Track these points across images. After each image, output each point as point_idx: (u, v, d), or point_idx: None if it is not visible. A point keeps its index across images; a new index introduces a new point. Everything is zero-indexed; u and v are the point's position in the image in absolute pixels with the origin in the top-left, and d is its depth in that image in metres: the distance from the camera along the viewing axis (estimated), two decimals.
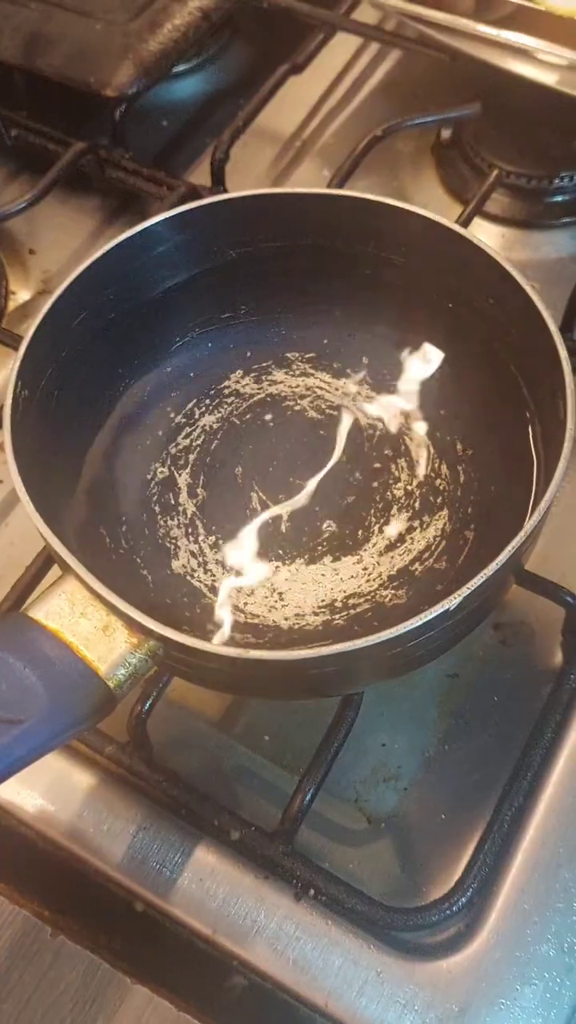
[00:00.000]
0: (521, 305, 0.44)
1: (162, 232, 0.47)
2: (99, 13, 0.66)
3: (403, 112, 0.70)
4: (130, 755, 0.45)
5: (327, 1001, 0.41)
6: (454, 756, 0.47)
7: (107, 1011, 0.41)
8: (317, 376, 0.50)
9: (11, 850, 0.45)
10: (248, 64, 0.77)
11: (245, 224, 0.48)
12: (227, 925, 0.42)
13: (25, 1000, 0.41)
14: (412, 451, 0.47)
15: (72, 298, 0.44)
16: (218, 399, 0.50)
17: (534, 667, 0.49)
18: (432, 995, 0.41)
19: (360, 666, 0.38)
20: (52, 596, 0.36)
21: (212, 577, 0.45)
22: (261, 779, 0.47)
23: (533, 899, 0.42)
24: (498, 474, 0.46)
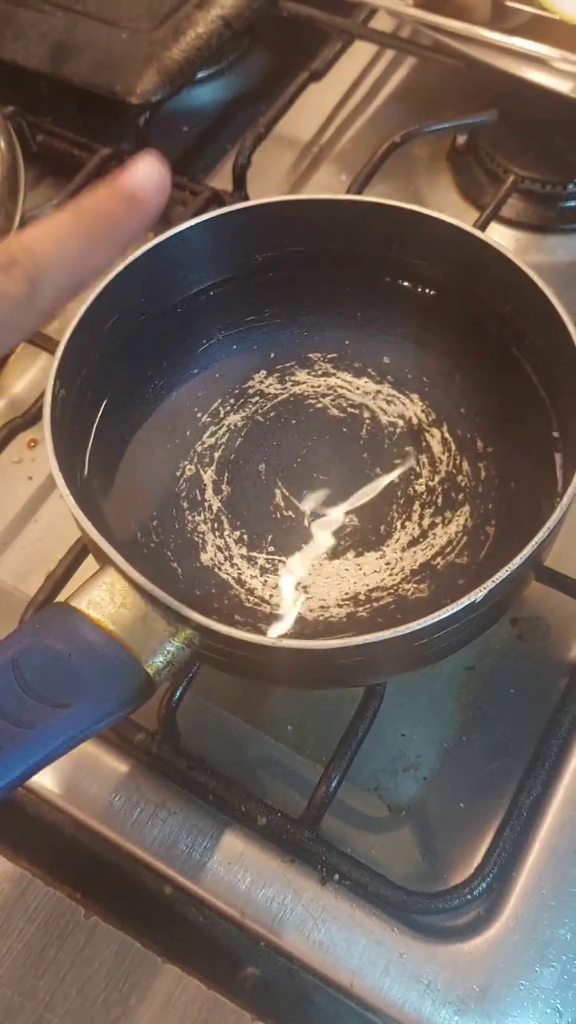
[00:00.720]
0: (541, 307, 0.45)
1: (194, 236, 0.48)
2: (124, 21, 0.67)
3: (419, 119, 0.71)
4: (159, 742, 0.46)
5: (352, 981, 0.42)
6: (472, 747, 0.49)
7: (140, 989, 0.42)
8: (339, 376, 0.52)
9: (43, 834, 0.46)
10: (267, 71, 0.78)
11: (273, 229, 0.50)
12: (255, 908, 0.44)
13: (60, 978, 0.42)
14: (433, 448, 0.49)
15: (106, 301, 0.46)
16: (243, 399, 0.51)
17: (550, 661, 0.51)
18: (453, 976, 0.42)
19: (387, 656, 0.40)
20: (93, 587, 0.38)
21: (238, 570, 0.46)
22: (284, 767, 0.48)
23: (551, 884, 0.44)
24: (518, 471, 0.47)
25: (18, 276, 0.27)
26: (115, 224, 0.30)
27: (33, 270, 0.28)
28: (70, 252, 0.29)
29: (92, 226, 0.30)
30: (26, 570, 0.55)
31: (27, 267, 0.28)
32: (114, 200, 0.30)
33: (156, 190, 0.31)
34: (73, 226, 0.29)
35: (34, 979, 0.42)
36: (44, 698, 0.33)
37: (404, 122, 0.69)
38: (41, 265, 0.28)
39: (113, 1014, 0.42)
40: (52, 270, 0.28)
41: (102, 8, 0.68)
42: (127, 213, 0.31)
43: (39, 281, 0.28)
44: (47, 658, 0.34)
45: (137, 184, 0.31)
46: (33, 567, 0.54)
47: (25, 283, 0.27)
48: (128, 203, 0.31)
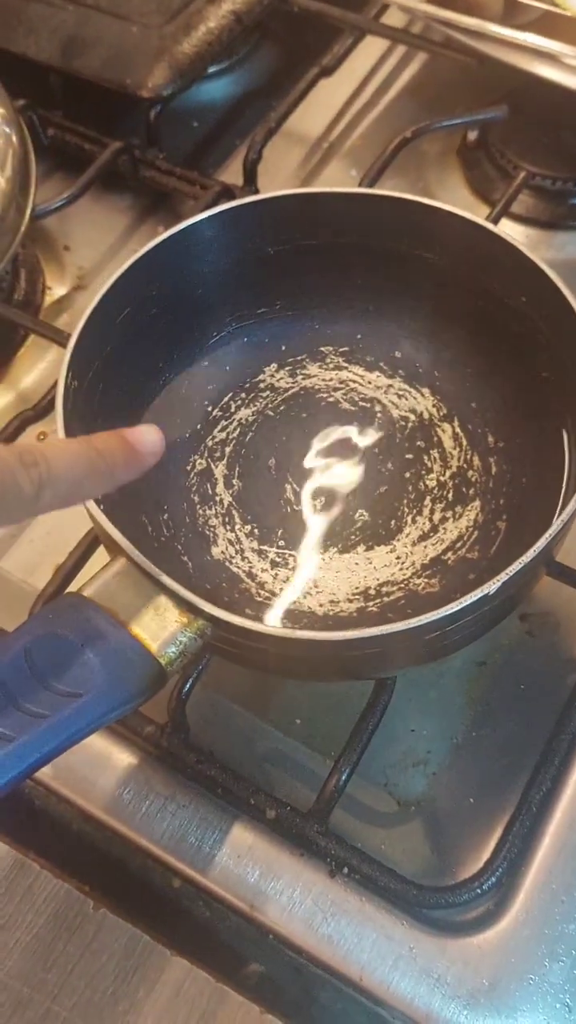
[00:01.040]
0: (553, 302, 0.45)
1: (206, 229, 0.48)
2: (135, 16, 0.67)
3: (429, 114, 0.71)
4: (169, 736, 0.46)
5: (361, 975, 0.42)
6: (482, 742, 0.49)
7: (148, 981, 0.42)
8: (350, 370, 0.52)
9: (53, 827, 0.46)
10: (277, 66, 0.78)
11: (284, 222, 0.50)
12: (264, 901, 0.44)
13: (69, 970, 0.42)
14: (444, 443, 0.49)
15: (117, 294, 0.46)
16: (253, 392, 0.51)
17: (560, 656, 0.50)
18: (463, 970, 0.42)
19: (398, 649, 0.40)
20: (106, 577, 0.38)
21: (249, 563, 0.46)
22: (293, 761, 0.48)
23: (560, 880, 0.43)
24: (529, 466, 0.47)
25: (33, 476, 0.32)
26: (113, 465, 0.36)
27: (46, 476, 0.32)
28: (75, 474, 0.34)
29: (97, 460, 0.35)
30: (35, 563, 0.55)
31: (42, 472, 0.32)
32: (119, 446, 0.37)
33: (152, 451, 0.38)
34: (83, 454, 0.35)
35: (42, 971, 0.42)
36: (56, 688, 0.33)
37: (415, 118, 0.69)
38: (53, 475, 0.33)
39: (121, 1006, 0.41)
40: (58, 482, 0.33)
41: (113, 2, 0.68)
42: (124, 460, 0.37)
43: (46, 487, 0.32)
44: (60, 648, 0.34)
45: (141, 442, 0.37)
46: (41, 560, 0.54)
47: (37, 484, 0.32)
48: (128, 452, 0.37)
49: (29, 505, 0.32)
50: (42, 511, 0.33)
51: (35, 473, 0.32)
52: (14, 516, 0.32)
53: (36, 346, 0.62)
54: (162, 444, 0.39)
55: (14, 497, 0.32)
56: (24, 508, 0.32)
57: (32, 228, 0.65)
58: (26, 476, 0.32)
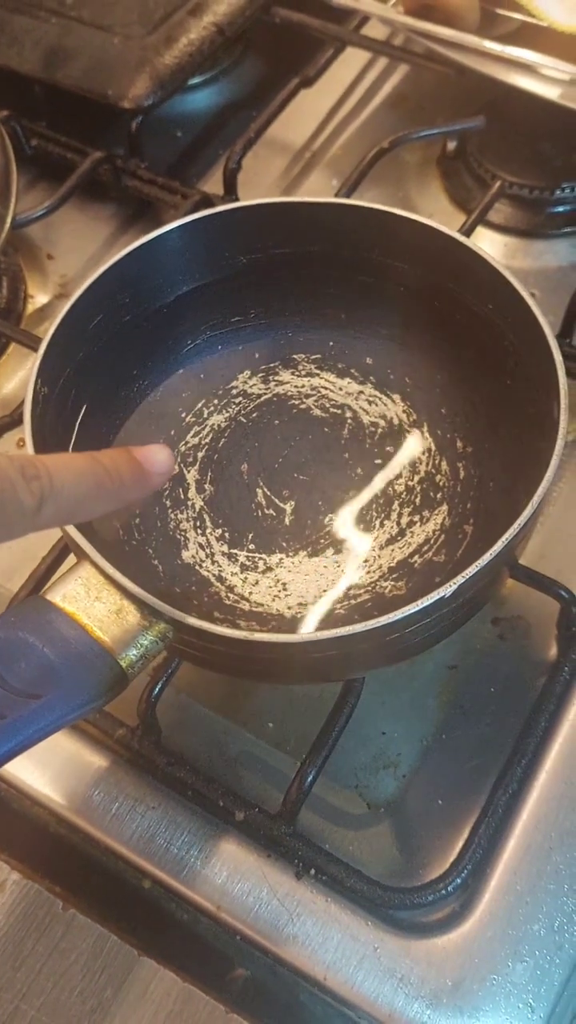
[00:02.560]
0: (519, 310, 0.46)
1: (176, 238, 0.49)
2: (117, 27, 0.68)
3: (410, 124, 0.72)
4: (139, 738, 0.46)
5: (326, 975, 0.42)
6: (452, 744, 0.49)
7: (116, 981, 0.42)
8: (322, 376, 0.52)
9: (24, 829, 0.47)
10: (260, 77, 0.79)
11: (256, 231, 0.50)
12: (230, 901, 0.44)
13: (37, 970, 0.43)
14: (413, 448, 0.49)
15: (90, 300, 0.46)
16: (226, 399, 0.52)
17: (530, 659, 0.51)
18: (427, 970, 0.42)
19: (360, 650, 0.40)
20: (69, 581, 0.38)
21: (219, 567, 0.47)
22: (265, 764, 0.49)
23: (525, 880, 0.44)
24: (496, 471, 0.48)
25: (35, 490, 0.31)
26: (121, 483, 0.35)
27: (48, 490, 0.31)
28: (79, 490, 0.33)
29: (104, 477, 0.34)
30: (13, 568, 0.55)
31: (44, 485, 0.31)
32: (127, 463, 0.35)
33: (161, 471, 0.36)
34: (89, 470, 0.34)
35: (11, 970, 0.43)
36: (16, 689, 0.34)
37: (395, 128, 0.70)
38: (56, 489, 0.32)
39: (89, 1005, 0.42)
40: (60, 497, 0.32)
41: (96, 14, 0.69)
42: (133, 478, 0.35)
43: (47, 501, 0.31)
44: (20, 650, 0.35)
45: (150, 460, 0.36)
46: (20, 565, 0.55)
47: (38, 498, 0.31)
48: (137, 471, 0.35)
49: (29, 519, 0.31)
50: (43, 526, 0.32)
51: (36, 486, 0.31)
52: (13, 530, 0.31)
53: (17, 354, 0.63)
54: (172, 464, 0.37)
55: (14, 510, 0.30)
56: (24, 522, 0.31)
57: (15, 237, 0.66)
58: (27, 489, 0.31)
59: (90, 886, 0.46)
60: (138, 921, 0.45)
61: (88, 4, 0.70)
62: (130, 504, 0.36)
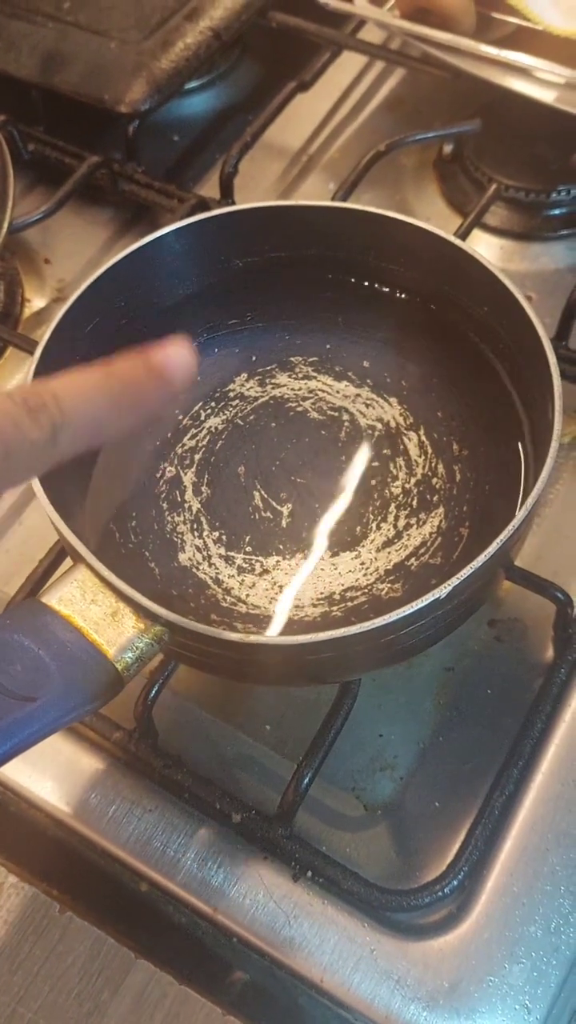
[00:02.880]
0: (514, 313, 0.46)
1: (172, 242, 0.49)
2: (114, 32, 0.68)
3: (406, 128, 0.72)
4: (136, 741, 0.46)
5: (323, 977, 0.42)
6: (448, 746, 0.49)
7: (112, 984, 0.42)
8: (319, 379, 0.52)
9: (21, 832, 0.47)
10: (257, 81, 0.79)
11: (252, 235, 0.51)
12: (227, 904, 0.44)
13: (35, 973, 0.43)
14: (410, 451, 0.49)
15: (86, 304, 0.46)
16: (223, 402, 0.52)
17: (526, 661, 0.51)
18: (423, 972, 0.42)
19: (355, 652, 0.40)
20: (65, 584, 0.38)
21: (216, 570, 0.47)
22: (262, 766, 0.49)
23: (522, 882, 0.44)
24: (492, 474, 0.48)
25: (43, 422, 0.28)
26: (141, 394, 0.31)
27: (58, 418, 0.28)
28: (95, 410, 0.30)
29: (120, 391, 0.31)
30: (11, 572, 0.55)
31: (53, 414, 0.28)
32: (144, 371, 0.31)
33: (183, 373, 0.32)
34: (102, 386, 0.30)
35: (8, 973, 0.43)
36: (12, 692, 0.34)
37: (392, 132, 0.70)
38: (66, 415, 0.29)
39: (86, 1008, 0.42)
40: (75, 423, 0.29)
41: (92, 19, 0.69)
42: (153, 387, 0.31)
43: (61, 430, 0.28)
44: (16, 652, 0.35)
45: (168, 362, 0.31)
46: (17, 569, 0.55)
47: (48, 429, 0.28)
48: (157, 377, 0.31)
49: (45, 453, 0.28)
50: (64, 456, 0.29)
51: (45, 417, 0.28)
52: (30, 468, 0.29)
53: (15, 358, 0.63)
54: (194, 365, 0.33)
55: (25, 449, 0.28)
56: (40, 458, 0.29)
57: (12, 241, 0.66)
58: (33, 423, 0.28)
59: (87, 889, 0.46)
60: (135, 924, 0.45)
61: (85, 9, 0.70)
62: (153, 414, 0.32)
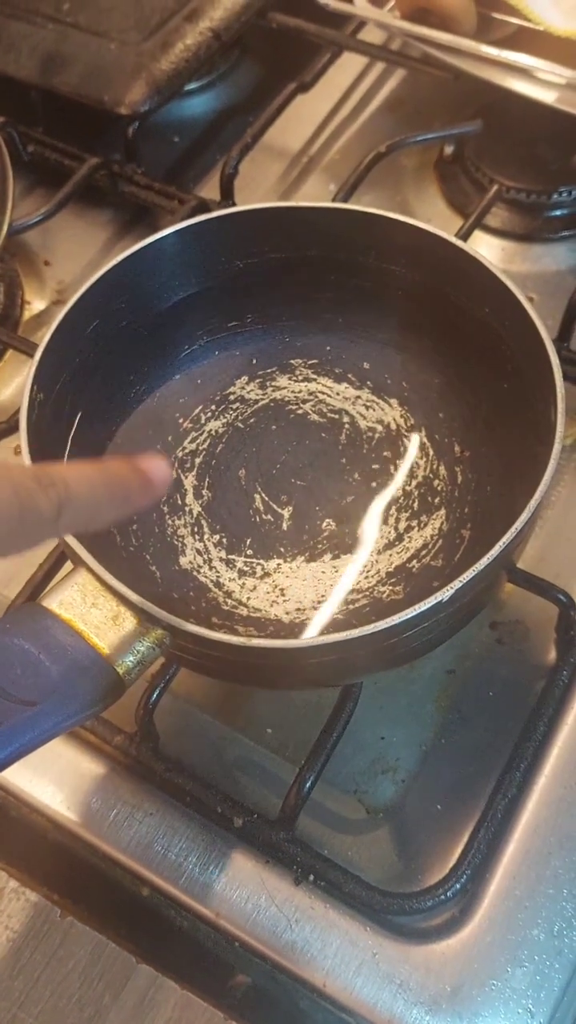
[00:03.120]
0: (516, 315, 0.46)
1: (173, 243, 0.49)
2: (113, 33, 0.68)
3: (407, 129, 0.72)
4: (138, 745, 0.46)
5: (325, 981, 0.42)
6: (450, 749, 0.49)
7: (114, 988, 0.42)
8: (319, 381, 0.52)
9: (22, 836, 0.47)
10: (257, 82, 0.79)
11: (252, 236, 0.50)
12: (229, 908, 0.44)
13: (35, 978, 0.43)
14: (411, 453, 0.49)
15: (86, 307, 0.46)
16: (224, 404, 0.52)
17: (528, 664, 0.51)
18: (426, 976, 0.42)
19: (357, 656, 0.40)
20: (65, 587, 0.38)
21: (216, 573, 0.47)
22: (264, 770, 0.49)
23: (524, 885, 0.44)
24: (494, 475, 0.47)
25: (52, 497, 0.31)
26: (129, 492, 0.35)
27: (64, 498, 0.31)
28: (94, 496, 0.33)
29: (113, 485, 0.34)
30: (10, 575, 0.55)
31: (60, 492, 0.31)
32: (133, 473, 0.35)
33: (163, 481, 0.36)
34: (100, 479, 0.34)
35: (8, 979, 0.42)
36: (12, 696, 0.34)
37: (393, 132, 0.70)
38: (72, 496, 0.32)
39: (87, 1013, 0.42)
40: (76, 505, 0.32)
41: (92, 20, 0.69)
42: (139, 487, 0.35)
43: (64, 508, 0.31)
44: (16, 656, 0.35)
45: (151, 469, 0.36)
46: (17, 571, 0.55)
47: (56, 505, 0.31)
48: (143, 480, 0.35)
49: (48, 527, 0.31)
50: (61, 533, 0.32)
51: (53, 494, 0.31)
52: (34, 538, 0.31)
53: (14, 360, 0.63)
54: (171, 474, 0.38)
55: (35, 519, 0.31)
56: (43, 530, 0.31)
57: (12, 243, 0.66)
58: (44, 497, 0.31)
59: (88, 893, 0.46)
60: (136, 928, 0.45)
61: (84, 10, 0.70)
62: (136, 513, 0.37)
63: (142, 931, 0.45)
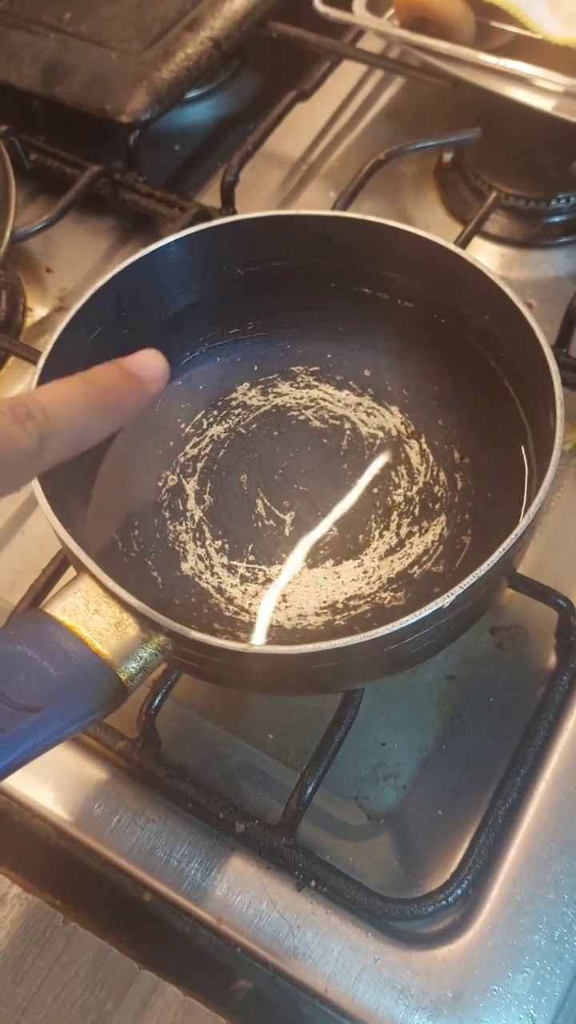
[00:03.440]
0: (515, 321, 0.46)
1: (175, 251, 0.49)
2: (114, 43, 0.69)
3: (406, 136, 0.73)
4: (140, 750, 0.46)
5: (327, 987, 0.42)
6: (451, 755, 0.49)
7: (116, 994, 0.42)
8: (321, 388, 0.52)
9: (25, 841, 0.47)
10: (257, 91, 0.80)
11: (253, 244, 0.51)
12: (231, 914, 0.44)
13: (38, 983, 0.43)
14: (411, 459, 0.49)
15: (89, 314, 0.47)
16: (226, 410, 0.52)
17: (529, 669, 0.51)
18: (427, 981, 0.42)
19: (358, 662, 0.40)
20: (68, 594, 0.38)
21: (218, 579, 0.47)
22: (265, 775, 0.49)
23: (525, 891, 0.44)
24: (494, 481, 0.48)
25: (31, 429, 0.30)
26: (119, 398, 0.33)
27: (45, 427, 0.30)
28: (78, 417, 0.32)
29: (100, 397, 0.33)
30: (12, 581, 0.55)
31: (40, 423, 0.30)
32: (120, 377, 0.34)
33: (156, 377, 0.35)
34: (83, 394, 0.32)
35: (11, 985, 0.43)
36: (15, 702, 0.34)
37: (392, 140, 0.70)
38: (52, 423, 0.30)
39: (90, 1019, 0.42)
40: (60, 430, 0.31)
41: (93, 30, 0.69)
42: (130, 391, 0.34)
43: (48, 438, 0.30)
44: (20, 663, 0.35)
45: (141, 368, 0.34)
46: (19, 578, 0.55)
47: (36, 437, 0.29)
48: (132, 382, 0.34)
49: (31, 461, 0.30)
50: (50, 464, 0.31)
51: (32, 426, 0.29)
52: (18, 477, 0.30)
53: (17, 367, 0.63)
54: (165, 366, 0.36)
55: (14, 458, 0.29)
56: (27, 466, 0.30)
57: (14, 250, 0.67)
58: (22, 431, 0.29)
59: (90, 899, 0.46)
60: (139, 934, 0.45)
61: (86, 20, 0.70)
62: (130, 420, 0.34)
63: (144, 937, 0.45)
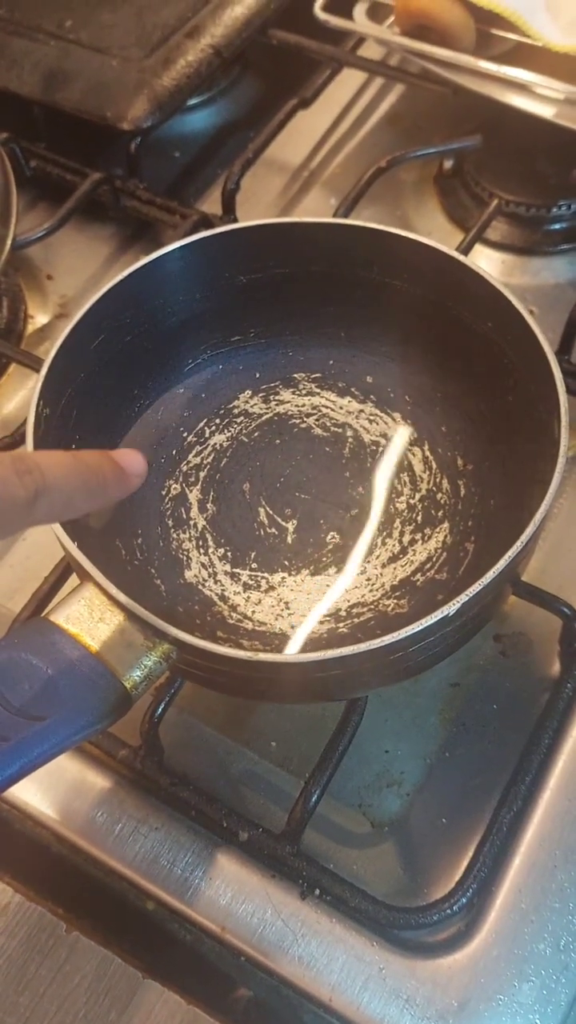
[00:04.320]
0: (518, 328, 0.46)
1: (177, 259, 0.49)
2: (115, 50, 0.69)
3: (407, 144, 0.73)
4: (142, 758, 0.46)
5: (331, 996, 0.42)
6: (455, 762, 0.49)
7: (120, 1004, 0.42)
8: (323, 395, 0.52)
9: (27, 850, 0.47)
10: (258, 98, 0.80)
11: (255, 251, 0.51)
12: (235, 922, 0.44)
13: (41, 993, 0.42)
14: (414, 466, 0.49)
15: (91, 322, 0.47)
16: (228, 418, 0.52)
17: (532, 676, 0.51)
18: (432, 991, 0.42)
19: (363, 670, 0.40)
20: (72, 602, 0.38)
21: (221, 586, 0.47)
22: (268, 783, 0.49)
23: (530, 899, 0.44)
24: (497, 489, 0.48)
25: (28, 484, 0.31)
26: (105, 482, 0.36)
27: (41, 485, 0.32)
28: (69, 486, 0.34)
29: (89, 475, 0.35)
30: (14, 588, 0.55)
31: (37, 479, 0.31)
32: (109, 464, 0.36)
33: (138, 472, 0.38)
34: (76, 468, 0.34)
35: (15, 994, 0.42)
36: (20, 711, 0.34)
37: (393, 147, 0.70)
38: (48, 483, 0.32)
39: None
40: (53, 492, 0.32)
41: (94, 37, 0.69)
42: (115, 478, 0.36)
43: (41, 495, 0.32)
44: (24, 671, 0.35)
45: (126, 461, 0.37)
46: (21, 585, 0.55)
47: (32, 491, 0.31)
48: (118, 471, 0.37)
49: (24, 514, 0.31)
50: (37, 522, 0.32)
51: (30, 481, 0.31)
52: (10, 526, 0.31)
53: (18, 374, 0.63)
54: (145, 468, 0.39)
55: (10, 506, 0.31)
56: (20, 518, 0.31)
57: (15, 257, 0.67)
58: (20, 484, 0.31)
59: (93, 908, 0.46)
60: (142, 943, 0.45)
61: (87, 27, 0.70)
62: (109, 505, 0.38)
63: (148, 945, 0.45)
